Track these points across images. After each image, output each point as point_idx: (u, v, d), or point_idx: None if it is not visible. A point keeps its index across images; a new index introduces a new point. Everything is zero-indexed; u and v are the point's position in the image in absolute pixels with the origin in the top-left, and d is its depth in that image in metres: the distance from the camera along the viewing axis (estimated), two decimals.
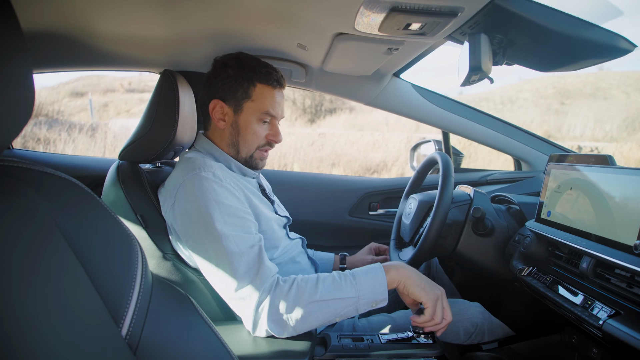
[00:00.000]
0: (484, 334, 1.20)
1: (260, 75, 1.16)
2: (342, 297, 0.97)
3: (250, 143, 1.19)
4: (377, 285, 1.00)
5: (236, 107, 1.17)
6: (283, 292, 0.96)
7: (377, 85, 1.72)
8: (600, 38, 0.93)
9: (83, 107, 12.60)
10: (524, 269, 1.12)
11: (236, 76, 1.16)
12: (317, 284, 0.98)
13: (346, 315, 0.99)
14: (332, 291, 0.97)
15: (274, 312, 0.95)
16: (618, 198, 0.87)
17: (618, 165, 0.95)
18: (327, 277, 1.00)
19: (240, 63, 1.17)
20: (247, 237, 1.01)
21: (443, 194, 1.22)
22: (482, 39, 0.97)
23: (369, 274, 1.01)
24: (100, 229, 0.62)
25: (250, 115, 1.17)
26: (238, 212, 1.04)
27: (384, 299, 1.00)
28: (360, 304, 0.98)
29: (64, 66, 1.58)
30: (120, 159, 1.27)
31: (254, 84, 1.16)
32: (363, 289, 0.99)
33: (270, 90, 1.18)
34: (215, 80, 1.18)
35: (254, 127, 1.18)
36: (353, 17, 1.01)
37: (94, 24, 1.21)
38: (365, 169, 8.99)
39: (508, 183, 1.88)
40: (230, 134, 1.19)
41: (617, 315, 0.81)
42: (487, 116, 1.86)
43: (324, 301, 0.96)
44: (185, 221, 1.05)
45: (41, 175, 0.58)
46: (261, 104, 1.17)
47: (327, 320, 0.98)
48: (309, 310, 0.95)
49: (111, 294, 0.57)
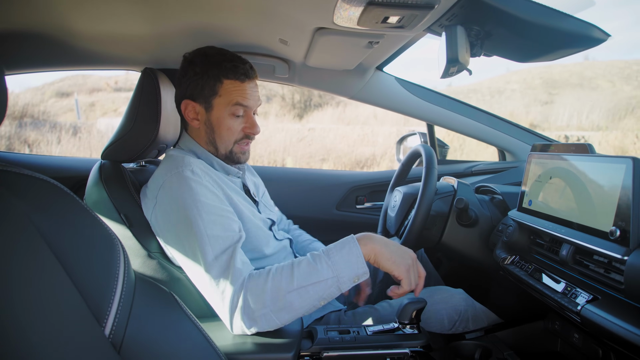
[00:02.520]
0: (468, 321, 1.21)
1: (226, 70, 1.13)
2: (321, 279, 0.93)
3: (226, 139, 1.17)
4: (354, 259, 0.96)
5: (206, 105, 1.15)
6: (258, 288, 0.93)
7: (360, 79, 1.72)
8: (574, 28, 0.94)
9: (69, 107, 12.45)
10: (506, 257, 1.13)
11: (202, 74, 1.13)
12: (292, 271, 0.94)
13: (331, 296, 0.95)
14: (309, 276, 0.94)
15: (250, 311, 0.92)
16: (596, 185, 0.88)
17: (596, 154, 0.96)
18: (302, 262, 0.96)
19: (206, 59, 1.14)
20: (225, 237, 1.00)
21: (426, 186, 1.23)
22: (458, 31, 0.98)
23: (344, 250, 0.97)
24: (80, 230, 0.61)
25: (221, 111, 1.15)
26: (217, 210, 1.03)
27: (364, 272, 0.96)
28: (341, 282, 0.95)
29: (42, 66, 1.56)
30: (103, 159, 1.27)
31: (220, 80, 1.13)
32: (340, 267, 0.95)
33: (239, 85, 1.14)
34: (183, 80, 1.16)
35: (227, 122, 1.15)
36: (331, 11, 1.01)
37: (71, 22, 1.20)
38: (355, 163, 9.00)
39: (492, 173, 1.90)
40: (206, 132, 1.17)
41: (594, 301, 0.82)
42: (471, 108, 1.88)
43: (303, 288, 0.93)
44: (167, 222, 1.05)
45: (18, 177, 0.57)
46: (230, 98, 1.14)
47: (312, 306, 0.95)
48: (289, 300, 0.93)
49: (93, 294, 0.57)
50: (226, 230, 1.01)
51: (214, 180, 1.10)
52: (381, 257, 0.98)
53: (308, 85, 1.81)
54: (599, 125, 11.32)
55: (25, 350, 0.45)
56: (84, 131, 9.46)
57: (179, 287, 1.12)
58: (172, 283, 1.11)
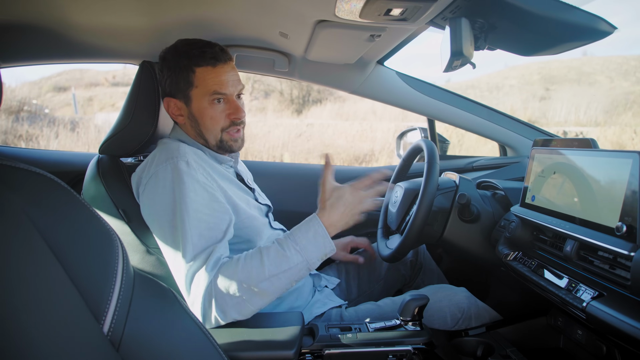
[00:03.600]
0: (470, 319, 1.21)
1: (195, 58, 1.11)
2: (291, 266, 0.97)
3: (212, 128, 1.15)
4: (320, 240, 1.00)
5: (185, 99, 1.14)
6: (228, 279, 0.94)
7: (361, 73, 1.71)
8: (581, 20, 0.92)
9: (66, 101, 12.40)
10: (509, 253, 1.12)
11: (174, 68, 1.12)
12: (262, 260, 0.96)
13: (301, 277, 1.00)
14: (279, 264, 0.96)
15: (222, 302, 0.94)
16: (601, 181, 0.87)
17: (600, 148, 0.95)
18: (270, 249, 0.98)
19: (176, 53, 1.13)
20: (208, 236, 1.00)
21: (428, 182, 1.22)
22: (463, 23, 0.96)
23: (309, 233, 1.01)
24: (78, 225, 0.60)
25: (200, 101, 1.13)
26: (204, 209, 1.02)
27: (332, 249, 1.02)
28: (310, 263, 0.99)
29: (40, 59, 1.54)
30: (101, 153, 1.25)
31: (192, 69, 1.11)
32: (309, 250, 0.99)
33: (211, 70, 1.12)
34: (161, 78, 1.16)
35: (209, 112, 1.13)
36: (333, 3, 0.99)
37: (69, 15, 1.18)
38: (353, 159, 8.99)
39: (493, 169, 1.89)
40: (192, 126, 1.16)
41: (600, 297, 0.81)
42: (472, 102, 1.87)
43: (274, 276, 0.96)
44: (152, 209, 1.05)
45: (14, 171, 0.56)
46: (206, 87, 1.12)
47: (284, 289, 0.99)
48: (262, 288, 0.95)
49: (91, 291, 0.56)
50: (211, 230, 1.01)
51: (207, 173, 1.09)
52: (333, 230, 1.04)
53: (308, 79, 1.79)
54: (597, 121, 11.33)
55: (22, 347, 0.43)
56: (82, 126, 9.42)
57: None
58: (170, 279, 1.10)
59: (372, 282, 1.48)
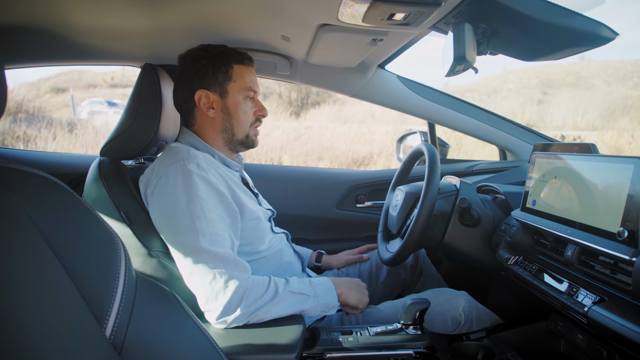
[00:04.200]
0: (472, 323, 1.21)
1: (233, 56, 1.20)
2: (307, 307, 1.10)
3: (243, 122, 1.22)
4: (331, 294, 1.15)
5: (222, 92, 1.19)
6: (255, 298, 1.02)
7: (362, 76, 1.71)
8: (583, 26, 0.93)
9: (65, 103, 12.39)
10: (510, 258, 1.13)
11: (211, 63, 1.18)
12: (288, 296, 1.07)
13: (306, 308, 1.10)
14: (298, 303, 1.09)
15: (242, 314, 1.00)
16: (601, 186, 0.87)
17: (601, 154, 0.95)
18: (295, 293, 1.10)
19: (209, 51, 1.20)
20: (223, 236, 1.04)
21: (429, 185, 1.22)
22: (466, 28, 0.97)
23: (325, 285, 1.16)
24: (81, 227, 0.60)
25: (237, 95, 1.20)
26: (217, 209, 1.06)
27: (334, 306, 1.15)
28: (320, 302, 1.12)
29: (41, 61, 1.53)
30: (102, 156, 1.25)
31: (230, 65, 1.20)
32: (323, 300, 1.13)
33: (246, 68, 1.22)
34: (191, 74, 1.19)
35: (243, 106, 1.21)
36: (336, 7, 0.99)
37: (70, 17, 1.18)
38: (351, 162, 9.00)
39: (494, 173, 1.89)
40: (223, 119, 1.21)
41: (601, 302, 0.82)
42: (472, 107, 1.87)
43: (291, 307, 1.07)
44: (162, 212, 1.05)
45: (17, 174, 0.56)
46: (243, 82, 1.21)
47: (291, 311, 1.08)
48: (276, 312, 1.05)
49: (93, 294, 0.55)
50: (225, 230, 1.06)
51: (219, 174, 1.12)
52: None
53: (309, 82, 1.79)
54: (595, 125, 11.38)
55: (24, 349, 0.43)
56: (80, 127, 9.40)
57: (180, 286, 1.10)
58: (172, 282, 1.10)
59: (373, 286, 1.48)
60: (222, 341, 0.93)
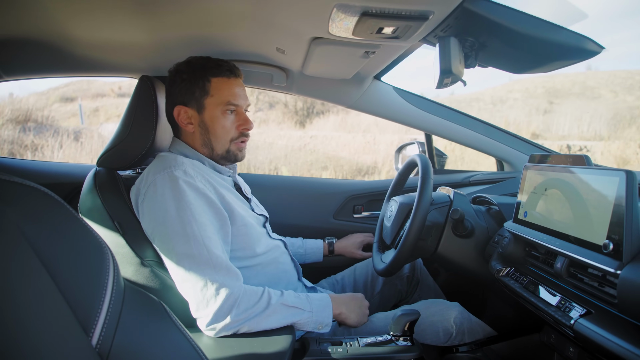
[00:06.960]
0: (463, 334, 1.20)
1: (211, 69, 1.18)
2: (301, 319, 1.10)
3: (222, 138, 1.20)
4: (327, 310, 1.15)
5: (198, 107, 1.19)
6: (248, 308, 1.03)
7: (358, 88, 1.72)
8: (568, 40, 0.94)
9: (73, 112, 12.51)
10: (502, 269, 1.12)
11: (190, 78, 1.18)
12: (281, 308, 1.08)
13: (299, 321, 1.10)
14: (293, 315, 1.09)
15: (233, 322, 1.00)
16: (590, 198, 0.87)
17: (592, 166, 0.95)
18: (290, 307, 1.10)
19: (191, 65, 1.20)
20: (215, 239, 1.05)
21: (422, 196, 1.22)
22: (451, 42, 0.98)
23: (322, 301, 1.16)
24: (69, 238, 0.61)
25: (214, 109, 1.19)
26: (206, 214, 1.06)
27: (327, 324, 1.14)
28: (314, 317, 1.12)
29: (40, 73, 1.56)
30: (99, 166, 1.27)
31: (207, 79, 1.18)
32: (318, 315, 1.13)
33: (226, 81, 1.19)
34: (172, 89, 1.20)
35: (221, 121, 1.19)
36: (326, 21, 1.01)
37: (69, 29, 1.20)
38: (356, 172, 8.99)
39: (490, 184, 1.89)
40: (201, 135, 1.20)
41: (588, 315, 0.81)
42: (469, 118, 1.87)
43: (284, 319, 1.08)
44: (153, 219, 1.07)
45: (8, 185, 0.57)
46: (220, 96, 1.18)
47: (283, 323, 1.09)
48: (268, 323, 1.06)
49: (80, 303, 0.56)
50: (215, 233, 1.07)
51: (206, 180, 1.12)
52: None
53: (305, 93, 1.81)
54: (601, 135, 11.31)
55: (10, 358, 0.44)
56: (86, 136, 9.49)
57: (172, 295, 1.11)
58: (165, 291, 1.11)
59: (368, 297, 1.48)
60: (210, 352, 0.93)
